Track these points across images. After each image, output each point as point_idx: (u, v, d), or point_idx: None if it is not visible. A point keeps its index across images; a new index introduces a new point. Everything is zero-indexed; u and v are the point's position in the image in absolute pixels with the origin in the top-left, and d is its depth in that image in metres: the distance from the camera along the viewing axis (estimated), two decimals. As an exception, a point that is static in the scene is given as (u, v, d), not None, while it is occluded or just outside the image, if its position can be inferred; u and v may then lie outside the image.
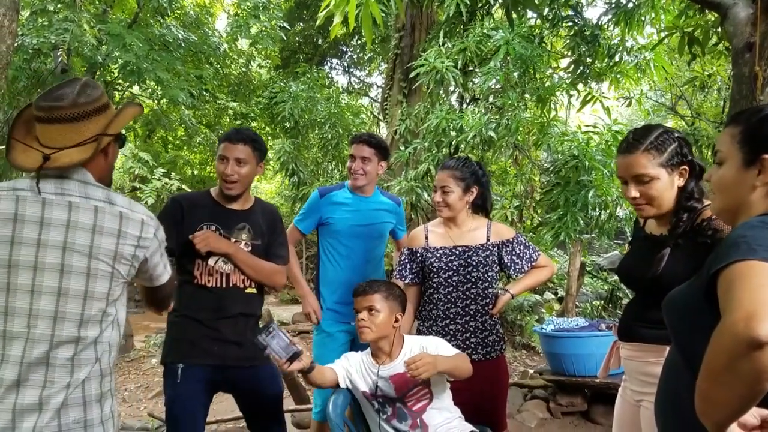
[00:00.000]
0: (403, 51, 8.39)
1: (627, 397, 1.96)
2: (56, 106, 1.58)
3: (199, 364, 2.41)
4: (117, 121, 1.67)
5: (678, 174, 1.85)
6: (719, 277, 1.12)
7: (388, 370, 2.32)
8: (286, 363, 2.06)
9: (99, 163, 1.67)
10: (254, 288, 2.56)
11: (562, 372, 4.40)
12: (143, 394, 7.41)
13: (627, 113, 13.42)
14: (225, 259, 2.46)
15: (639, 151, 1.84)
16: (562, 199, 4.90)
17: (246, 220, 2.55)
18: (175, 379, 2.39)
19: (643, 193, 1.86)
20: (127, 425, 5.11)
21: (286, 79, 9.81)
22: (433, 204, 2.78)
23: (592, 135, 5.29)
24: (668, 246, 1.83)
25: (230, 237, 2.49)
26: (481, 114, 5.50)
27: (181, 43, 10.17)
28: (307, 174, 8.53)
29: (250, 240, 2.53)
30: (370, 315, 2.30)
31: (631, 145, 1.87)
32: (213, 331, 2.43)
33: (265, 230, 2.59)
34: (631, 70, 5.97)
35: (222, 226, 2.49)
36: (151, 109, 13.24)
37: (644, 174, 1.84)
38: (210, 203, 2.54)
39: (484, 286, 2.67)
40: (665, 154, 1.83)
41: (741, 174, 1.28)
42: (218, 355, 2.42)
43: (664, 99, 12.38)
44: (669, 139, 1.85)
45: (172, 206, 2.52)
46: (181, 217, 2.46)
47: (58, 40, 8.79)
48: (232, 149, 2.48)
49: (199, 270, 2.46)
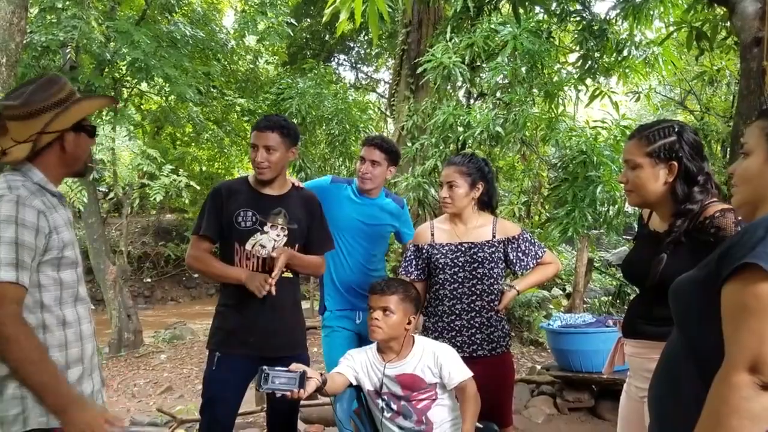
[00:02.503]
0: (410, 47, 8.36)
1: (631, 394, 1.95)
2: (10, 105, 1.70)
3: (234, 353, 2.54)
4: (62, 118, 1.71)
5: (666, 169, 1.84)
6: (729, 283, 1.12)
7: (395, 368, 2.33)
8: (300, 390, 2.04)
9: (50, 159, 1.74)
10: (290, 272, 2.63)
11: (569, 368, 4.39)
12: (152, 390, 7.46)
13: (635, 108, 13.35)
14: (262, 244, 2.55)
15: (634, 138, 1.91)
16: (570, 194, 4.88)
17: (282, 204, 2.62)
18: (212, 365, 2.56)
19: (629, 179, 1.91)
20: (136, 420, 5.16)
21: (294, 76, 9.81)
22: (439, 200, 2.77)
23: (600, 130, 5.26)
24: (666, 251, 1.82)
25: (266, 221, 2.56)
26: (489, 109, 5.48)
27: (188, 40, 10.17)
28: (315, 170, 8.53)
29: (286, 224, 2.60)
30: (384, 315, 2.31)
31: (632, 133, 1.95)
32: (250, 321, 2.53)
33: (302, 215, 2.66)
34: (640, 65, 5.94)
35: (258, 211, 2.57)
36: (159, 106, 13.29)
37: (630, 159, 1.90)
38: (246, 189, 2.63)
39: (489, 282, 2.67)
40: (654, 144, 1.84)
41: (766, 167, 1.28)
42: (254, 346, 2.53)
43: (672, 94, 12.31)
44: (665, 133, 1.85)
45: (214, 196, 2.63)
46: (221, 205, 2.57)
47: (67, 38, 8.82)
48: (262, 137, 2.55)
49: (238, 255, 2.56)
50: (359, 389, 2.42)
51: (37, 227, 1.61)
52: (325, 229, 2.81)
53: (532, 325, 8.03)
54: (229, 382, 2.56)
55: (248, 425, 4.52)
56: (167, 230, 18.01)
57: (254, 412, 4.58)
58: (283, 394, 2.03)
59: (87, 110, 1.79)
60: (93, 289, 15.28)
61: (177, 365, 8.47)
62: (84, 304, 1.78)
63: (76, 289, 1.74)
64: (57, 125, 1.70)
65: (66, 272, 1.71)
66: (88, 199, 9.04)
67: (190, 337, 10.54)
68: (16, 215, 1.57)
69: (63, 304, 1.70)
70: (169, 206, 17.75)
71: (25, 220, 1.58)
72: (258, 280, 2.46)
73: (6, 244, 1.55)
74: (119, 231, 14.78)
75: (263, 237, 2.56)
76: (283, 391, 2.02)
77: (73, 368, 1.70)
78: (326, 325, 3.22)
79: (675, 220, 1.84)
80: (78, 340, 1.72)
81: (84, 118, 1.80)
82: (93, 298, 15.57)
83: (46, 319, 1.65)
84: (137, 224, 17.75)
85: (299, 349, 2.67)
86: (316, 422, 4.62)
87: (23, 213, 1.58)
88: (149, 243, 17.53)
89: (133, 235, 17.07)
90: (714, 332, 1.15)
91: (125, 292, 10.29)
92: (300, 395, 2.05)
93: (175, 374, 8.05)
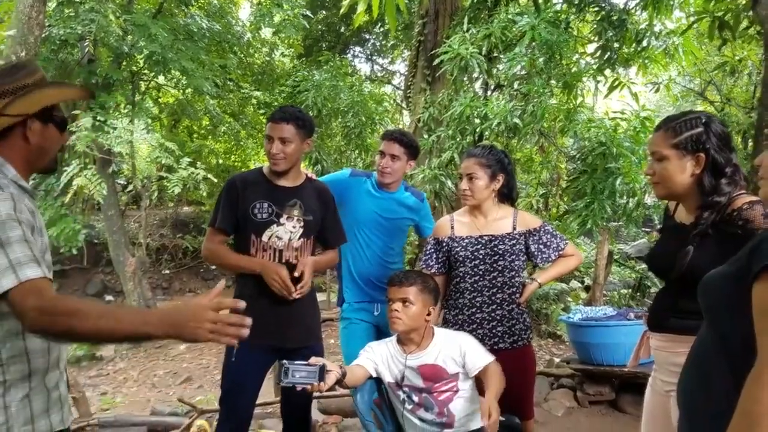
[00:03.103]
0: (427, 38, 8.31)
1: (657, 388, 1.94)
2: None
3: (252, 344, 2.50)
4: (21, 102, 1.60)
5: (693, 161, 1.82)
6: (759, 281, 1.10)
7: (416, 359, 2.33)
8: (321, 383, 2.06)
9: (14, 151, 1.63)
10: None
11: (589, 361, 4.36)
12: (172, 380, 7.56)
13: (655, 99, 13.19)
14: (278, 236, 2.57)
15: (660, 130, 1.88)
16: (589, 186, 4.84)
17: (297, 196, 2.63)
18: (230, 355, 2.58)
19: (656, 171, 1.89)
20: (157, 410, 5.21)
21: (309, 68, 9.80)
22: (458, 192, 2.75)
23: (619, 121, 5.20)
24: (692, 243, 1.80)
25: (282, 213, 2.58)
26: (506, 101, 5.43)
27: (205, 33, 10.21)
28: (331, 162, 8.54)
29: (302, 216, 2.62)
30: (404, 306, 2.31)
31: (658, 124, 1.93)
32: (267, 312, 2.53)
33: (316, 207, 2.68)
34: (660, 55, 5.85)
35: (274, 202, 2.58)
36: (176, 99, 13.35)
37: (656, 151, 1.87)
38: (262, 181, 2.64)
39: (510, 275, 2.66)
40: (680, 136, 1.82)
41: None
42: (271, 337, 2.54)
43: (692, 84, 12.14)
44: (692, 124, 1.82)
45: (229, 189, 2.63)
46: (237, 197, 2.58)
47: (85, 31, 8.88)
48: (277, 128, 2.55)
49: (254, 247, 2.58)
50: (379, 381, 2.43)
51: (32, 226, 1.54)
52: (338, 222, 2.84)
53: (550, 317, 7.99)
54: (247, 373, 2.58)
55: (267, 415, 4.56)
56: (185, 222, 18.15)
57: (273, 403, 4.60)
58: (304, 387, 2.04)
59: (53, 98, 1.67)
60: (113, 280, 15.47)
61: (196, 356, 8.56)
62: None
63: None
64: (14, 109, 1.59)
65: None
66: (108, 192, 9.12)
67: (208, 328, 10.62)
68: (16, 213, 1.49)
69: None
70: (186, 199, 17.85)
71: (22, 218, 1.50)
72: (274, 273, 2.49)
73: (18, 243, 1.46)
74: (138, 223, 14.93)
75: (279, 229, 2.58)
76: (304, 385, 2.04)
77: (52, 372, 1.64)
78: (344, 317, 3.23)
79: (702, 212, 1.81)
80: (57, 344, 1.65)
81: (54, 108, 1.68)
82: (113, 290, 15.82)
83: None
84: (155, 216, 17.89)
85: (314, 339, 2.70)
86: (335, 413, 4.64)
87: (20, 209, 1.51)
88: (167, 235, 17.67)
89: (152, 227, 17.21)
90: (745, 327, 1.13)
91: (144, 283, 10.41)
92: (320, 388, 2.06)
93: (195, 365, 8.14)
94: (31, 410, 1.57)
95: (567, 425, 4.15)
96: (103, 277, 16.20)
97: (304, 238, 2.63)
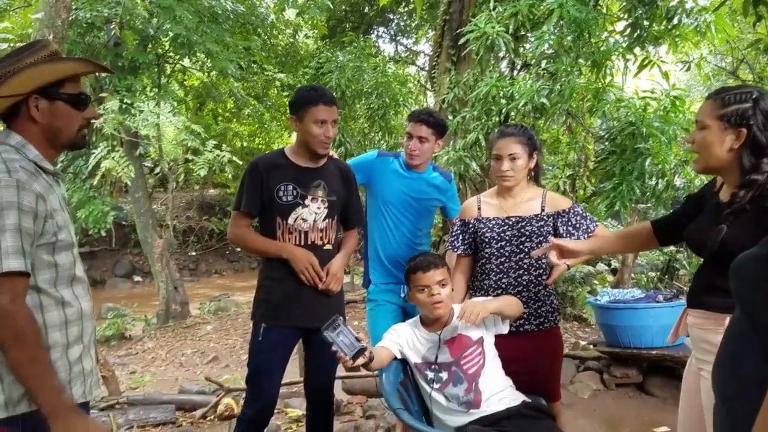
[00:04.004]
0: (452, 17, 8.19)
1: (692, 367, 1.93)
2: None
3: (279, 325, 2.59)
4: (13, 81, 1.60)
5: (734, 135, 1.77)
6: None
7: (445, 335, 2.35)
8: (351, 360, 2.07)
9: (30, 132, 1.66)
10: (331, 245, 2.67)
11: (617, 344, 4.32)
12: (199, 359, 7.69)
13: (685, 78, 12.90)
14: (303, 218, 2.58)
15: (710, 99, 1.84)
16: (618, 167, 4.74)
17: (320, 176, 2.63)
18: (257, 336, 2.61)
19: (696, 140, 1.86)
20: (184, 389, 5.31)
21: (333, 49, 9.75)
22: (495, 174, 2.67)
23: (649, 101, 5.07)
24: (726, 221, 1.76)
25: (307, 194, 2.59)
26: (533, 80, 5.33)
27: (229, 15, 10.22)
28: (354, 145, 8.51)
29: (326, 196, 2.62)
30: (443, 288, 2.32)
31: (710, 94, 1.88)
32: (294, 293, 2.57)
33: (339, 187, 2.69)
34: (691, 33, 5.68)
35: (298, 184, 2.59)
36: (201, 82, 13.42)
37: (700, 120, 1.85)
38: (286, 164, 2.63)
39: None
40: (727, 108, 1.78)
41: None
42: (297, 317, 2.59)
43: (724, 63, 11.83)
44: (741, 98, 1.77)
45: (252, 172, 2.62)
46: (261, 180, 2.58)
47: (111, 14, 8.96)
48: (332, 112, 2.54)
49: (280, 230, 2.59)
50: (404, 362, 2.43)
51: (35, 212, 1.57)
52: (359, 202, 2.86)
53: (576, 300, 7.93)
54: (273, 353, 2.61)
55: (293, 395, 4.61)
56: (210, 205, 18.36)
57: (298, 383, 4.66)
58: (335, 351, 2.06)
59: (48, 75, 1.64)
60: (141, 261, 15.77)
61: (222, 336, 8.69)
62: (81, 284, 1.75)
63: (73, 271, 1.72)
64: (5, 90, 1.60)
65: (61, 255, 1.67)
66: (135, 174, 9.24)
67: (234, 309, 10.78)
68: (18, 201, 1.53)
69: (59, 286, 1.67)
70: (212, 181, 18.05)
71: (24, 205, 1.54)
72: (306, 262, 2.53)
73: (11, 231, 1.51)
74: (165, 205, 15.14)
75: (304, 210, 2.58)
76: (338, 350, 2.06)
77: (74, 347, 1.69)
78: (371, 299, 3.23)
79: (739, 190, 1.77)
80: (78, 319, 1.71)
81: (59, 85, 1.67)
82: (141, 271, 16.12)
83: (43, 300, 1.63)
84: (182, 199, 18.14)
85: None
86: (359, 394, 4.68)
87: (23, 198, 1.54)
88: (193, 217, 17.92)
89: (178, 210, 17.47)
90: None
91: (172, 264, 10.55)
92: (347, 363, 2.08)
93: (221, 344, 8.27)
94: None
95: (593, 407, 4.12)
96: (132, 258, 16.51)
97: (329, 219, 2.64)
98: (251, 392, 2.63)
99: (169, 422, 4.16)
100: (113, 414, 4.07)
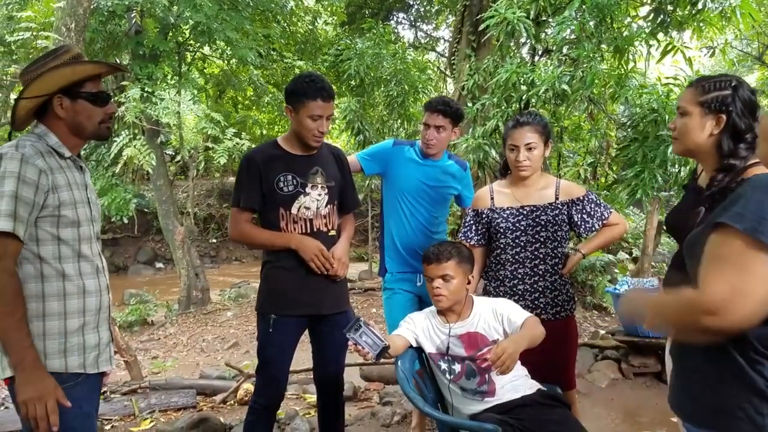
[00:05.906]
0: (472, 2, 8.11)
1: None
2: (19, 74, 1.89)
3: (288, 315, 2.58)
4: (36, 84, 1.80)
5: (714, 120, 1.84)
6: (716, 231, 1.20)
7: (458, 329, 2.33)
8: (375, 358, 2.12)
9: (56, 126, 1.85)
10: (335, 230, 2.67)
11: (635, 333, 4.29)
12: (220, 345, 7.77)
13: (710, 64, 12.62)
14: (306, 206, 2.57)
15: (691, 87, 1.91)
16: (640, 155, 4.67)
17: (317, 163, 2.62)
18: (267, 327, 2.58)
19: (677, 126, 1.93)
20: (205, 374, 5.38)
21: (352, 36, 9.71)
22: (512, 163, 2.65)
23: (672, 87, 4.98)
24: (704, 204, 1.82)
25: (306, 182, 2.57)
26: (554, 66, 5.26)
27: (249, 2, 10.23)
28: (373, 132, 8.49)
29: (325, 183, 2.61)
30: (445, 282, 2.30)
31: (691, 81, 1.98)
32: (302, 282, 2.56)
33: (335, 172, 2.68)
34: (715, 18, 5.56)
35: (297, 173, 2.57)
36: (221, 70, 13.47)
37: (681, 106, 1.91)
38: (281, 154, 2.61)
39: (553, 245, 2.62)
40: (707, 95, 1.85)
41: None
42: (306, 306, 2.58)
43: (750, 48, 11.57)
44: (721, 85, 1.84)
45: (249, 166, 2.59)
46: (258, 173, 2.55)
47: (132, 2, 9.01)
48: (327, 108, 2.53)
49: (284, 220, 2.57)
50: (420, 350, 2.43)
51: (37, 184, 1.72)
52: (354, 186, 2.85)
53: (596, 289, 7.86)
54: (284, 343, 2.61)
55: (310, 381, 4.64)
56: (230, 192, 18.43)
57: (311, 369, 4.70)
58: (360, 351, 2.11)
59: (67, 77, 1.82)
60: (162, 248, 15.96)
61: (243, 322, 8.77)
62: (88, 262, 1.86)
63: (78, 247, 1.83)
64: (30, 92, 1.80)
65: (66, 230, 1.80)
66: (156, 162, 9.33)
67: (254, 296, 10.86)
68: (19, 171, 1.69)
69: (62, 259, 1.80)
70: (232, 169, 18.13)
71: (26, 176, 1.70)
72: (316, 249, 2.52)
73: (8, 197, 1.67)
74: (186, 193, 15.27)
75: (306, 199, 2.57)
76: (363, 350, 2.11)
77: (72, 319, 1.81)
78: (387, 287, 3.24)
79: (717, 174, 1.84)
80: (79, 293, 1.82)
81: (80, 85, 1.84)
82: (163, 257, 16.31)
83: (45, 269, 1.77)
84: (202, 186, 18.29)
85: (345, 305, 2.71)
86: (376, 380, 4.71)
87: (25, 170, 1.70)
88: (214, 205, 18.07)
89: (199, 197, 17.62)
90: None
91: (193, 252, 10.65)
92: (368, 358, 2.13)
93: (241, 331, 8.35)
94: (45, 348, 1.76)
95: (611, 396, 4.10)
96: (153, 245, 16.73)
97: (330, 205, 2.63)
98: (263, 382, 2.64)
99: (190, 407, 4.22)
100: (135, 398, 4.14)
